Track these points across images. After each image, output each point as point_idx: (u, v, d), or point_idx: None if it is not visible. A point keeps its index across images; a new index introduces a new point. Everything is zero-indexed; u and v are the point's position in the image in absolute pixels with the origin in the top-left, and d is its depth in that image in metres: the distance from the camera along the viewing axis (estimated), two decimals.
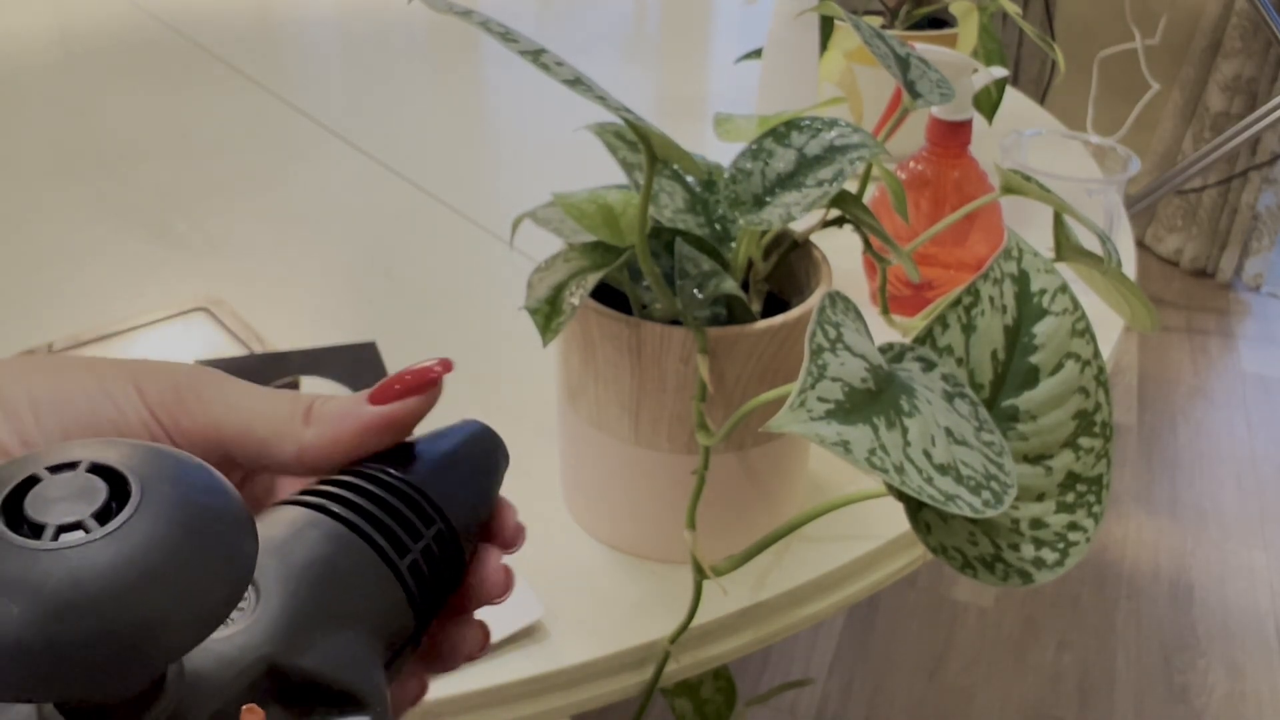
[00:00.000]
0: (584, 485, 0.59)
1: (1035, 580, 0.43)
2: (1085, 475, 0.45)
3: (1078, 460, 0.45)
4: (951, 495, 0.38)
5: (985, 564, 0.43)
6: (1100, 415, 0.45)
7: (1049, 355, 0.46)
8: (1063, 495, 0.45)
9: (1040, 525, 0.44)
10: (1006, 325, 0.46)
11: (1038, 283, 0.47)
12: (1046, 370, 0.46)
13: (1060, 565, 0.43)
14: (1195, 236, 2.47)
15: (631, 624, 0.54)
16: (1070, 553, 0.43)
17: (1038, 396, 0.46)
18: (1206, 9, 2.33)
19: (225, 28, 1.41)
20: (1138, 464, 1.91)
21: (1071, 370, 0.46)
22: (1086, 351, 0.46)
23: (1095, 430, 0.45)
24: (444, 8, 0.46)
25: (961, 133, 0.77)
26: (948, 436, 0.41)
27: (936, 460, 0.39)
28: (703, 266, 0.51)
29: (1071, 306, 0.47)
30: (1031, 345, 0.46)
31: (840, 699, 1.47)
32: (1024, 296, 0.47)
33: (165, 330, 0.72)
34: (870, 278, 0.81)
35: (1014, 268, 0.47)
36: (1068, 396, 0.45)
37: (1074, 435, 0.45)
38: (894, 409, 0.40)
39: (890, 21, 1.07)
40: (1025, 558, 0.43)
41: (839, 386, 0.39)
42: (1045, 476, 0.45)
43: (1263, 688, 1.50)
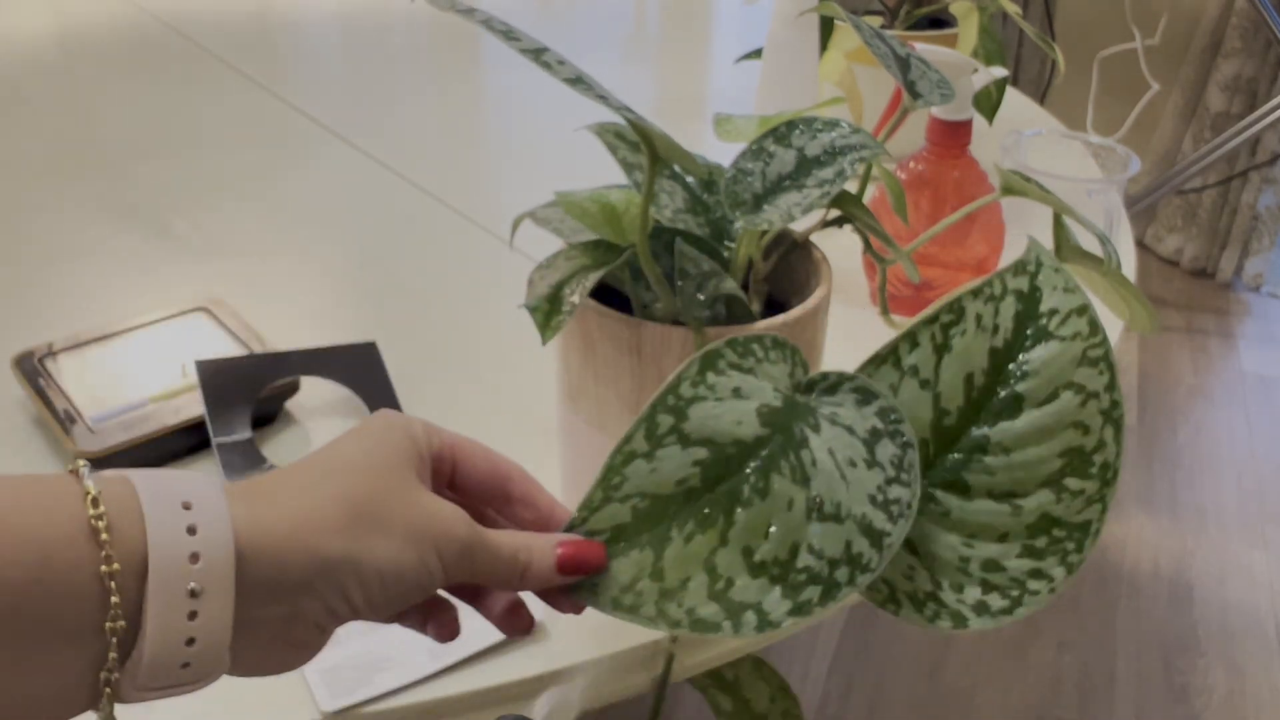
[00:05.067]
0: (584, 485, 0.59)
1: (970, 626, 0.39)
2: (1066, 520, 0.40)
3: (1058, 503, 0.41)
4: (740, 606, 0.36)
5: (915, 601, 0.40)
6: (1102, 456, 0.41)
7: (1040, 384, 0.42)
8: (1032, 538, 0.41)
9: (994, 568, 0.40)
10: (994, 347, 0.42)
11: (1049, 302, 0.43)
12: (1033, 401, 0.42)
13: (1007, 614, 0.39)
14: (1195, 236, 2.47)
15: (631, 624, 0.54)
16: (1024, 602, 0.40)
17: (1016, 428, 0.42)
18: (1206, 9, 2.33)
19: (225, 27, 1.41)
20: (1138, 464, 1.91)
21: (1068, 403, 0.41)
22: (1095, 384, 0.41)
23: (1091, 472, 0.41)
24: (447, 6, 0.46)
25: (961, 133, 0.77)
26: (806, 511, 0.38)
27: (756, 557, 0.37)
28: (703, 266, 0.50)
29: (1087, 332, 0.42)
30: (1020, 372, 0.42)
31: (840, 699, 1.47)
32: (1025, 317, 0.43)
33: (165, 330, 0.72)
34: (870, 278, 0.81)
35: (1025, 284, 0.43)
36: (1057, 432, 0.41)
37: (1058, 474, 0.41)
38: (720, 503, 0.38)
39: (890, 21, 1.07)
40: (966, 600, 0.40)
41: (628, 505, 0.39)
42: (1011, 516, 0.41)
43: (1263, 688, 1.50)
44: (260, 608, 0.34)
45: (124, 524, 0.31)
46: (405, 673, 0.51)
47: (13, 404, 0.68)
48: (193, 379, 0.65)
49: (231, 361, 0.66)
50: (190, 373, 0.66)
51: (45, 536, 0.30)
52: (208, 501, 0.33)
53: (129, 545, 0.31)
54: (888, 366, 0.42)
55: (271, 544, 0.33)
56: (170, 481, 0.33)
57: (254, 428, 0.64)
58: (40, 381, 0.66)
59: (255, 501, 0.34)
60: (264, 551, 0.33)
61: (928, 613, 0.40)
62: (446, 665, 0.51)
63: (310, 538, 0.34)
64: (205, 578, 0.32)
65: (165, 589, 0.31)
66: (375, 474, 0.36)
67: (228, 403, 0.64)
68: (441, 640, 0.41)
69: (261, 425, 0.66)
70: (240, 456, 0.62)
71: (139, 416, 0.63)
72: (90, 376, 0.67)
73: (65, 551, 0.30)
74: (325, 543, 0.34)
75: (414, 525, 0.36)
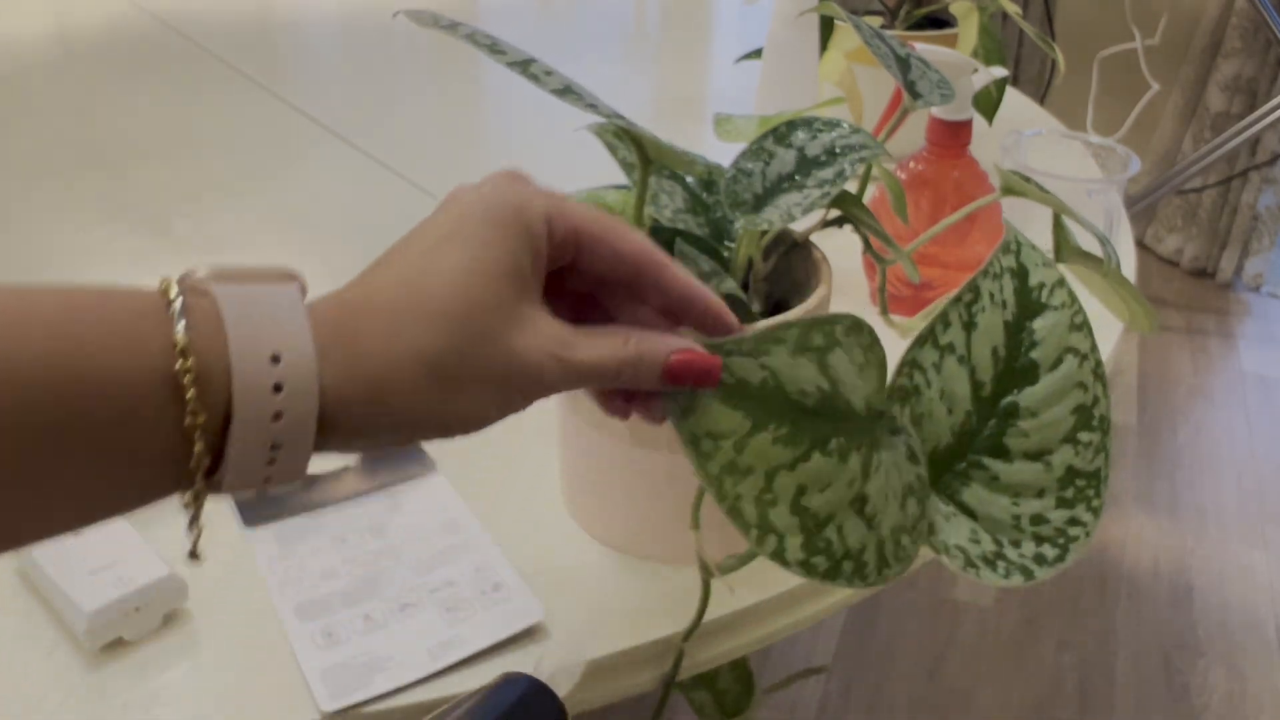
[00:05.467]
0: (584, 485, 0.59)
1: (1036, 576, 0.43)
2: (1084, 470, 0.45)
3: (1077, 455, 0.45)
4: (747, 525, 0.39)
5: (988, 562, 0.43)
6: (1099, 409, 0.45)
7: (1048, 350, 0.46)
8: (1062, 490, 0.45)
9: (1041, 521, 0.44)
10: (1006, 321, 0.46)
11: (1036, 277, 0.47)
12: (1046, 365, 0.46)
13: (1061, 560, 0.43)
14: (1195, 236, 2.47)
15: (631, 624, 0.54)
16: (1071, 548, 0.44)
17: (1038, 392, 0.45)
18: (1206, 9, 2.33)
19: (225, 28, 1.41)
20: (1138, 464, 1.91)
21: (1070, 365, 0.45)
22: (1084, 345, 0.46)
23: (1094, 424, 0.45)
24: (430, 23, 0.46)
25: (961, 133, 0.77)
26: (854, 502, 0.41)
27: (803, 502, 0.40)
28: (703, 266, 0.50)
29: (1069, 300, 0.46)
30: (1031, 341, 0.46)
31: (840, 699, 1.47)
32: (1023, 291, 0.47)
33: None
34: (870, 278, 0.81)
35: (1013, 262, 0.47)
36: (1067, 391, 0.45)
37: (1073, 430, 0.45)
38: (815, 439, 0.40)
39: (890, 21, 1.07)
40: (1026, 554, 0.43)
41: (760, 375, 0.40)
42: (1045, 472, 0.45)
43: (1263, 688, 1.50)
44: (342, 448, 0.35)
45: (210, 375, 0.31)
46: (405, 673, 0.51)
47: None
48: None
49: None
50: None
51: (130, 381, 0.30)
52: (296, 356, 0.32)
53: (213, 399, 0.31)
54: (929, 346, 0.45)
55: (356, 401, 0.34)
56: (260, 325, 0.32)
57: None
58: None
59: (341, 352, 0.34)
60: (346, 410, 0.33)
61: (1000, 570, 0.43)
62: (446, 665, 0.51)
63: (391, 399, 0.34)
64: (286, 433, 0.33)
65: (246, 441, 0.32)
66: (468, 315, 0.35)
67: None
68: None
69: None
70: None
71: None
72: None
73: (149, 400, 0.31)
74: (406, 404, 0.34)
75: (500, 374, 0.35)
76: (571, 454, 0.59)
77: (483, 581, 0.56)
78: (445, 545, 0.58)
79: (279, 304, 0.34)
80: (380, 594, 0.55)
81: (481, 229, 0.36)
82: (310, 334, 0.33)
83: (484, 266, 0.35)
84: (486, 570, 0.56)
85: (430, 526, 0.59)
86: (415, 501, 0.61)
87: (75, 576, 0.52)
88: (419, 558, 0.57)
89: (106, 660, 0.51)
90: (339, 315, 0.35)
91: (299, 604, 0.54)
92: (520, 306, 0.36)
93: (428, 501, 0.61)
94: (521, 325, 0.35)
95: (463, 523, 0.60)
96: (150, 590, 0.52)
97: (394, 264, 0.36)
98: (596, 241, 0.38)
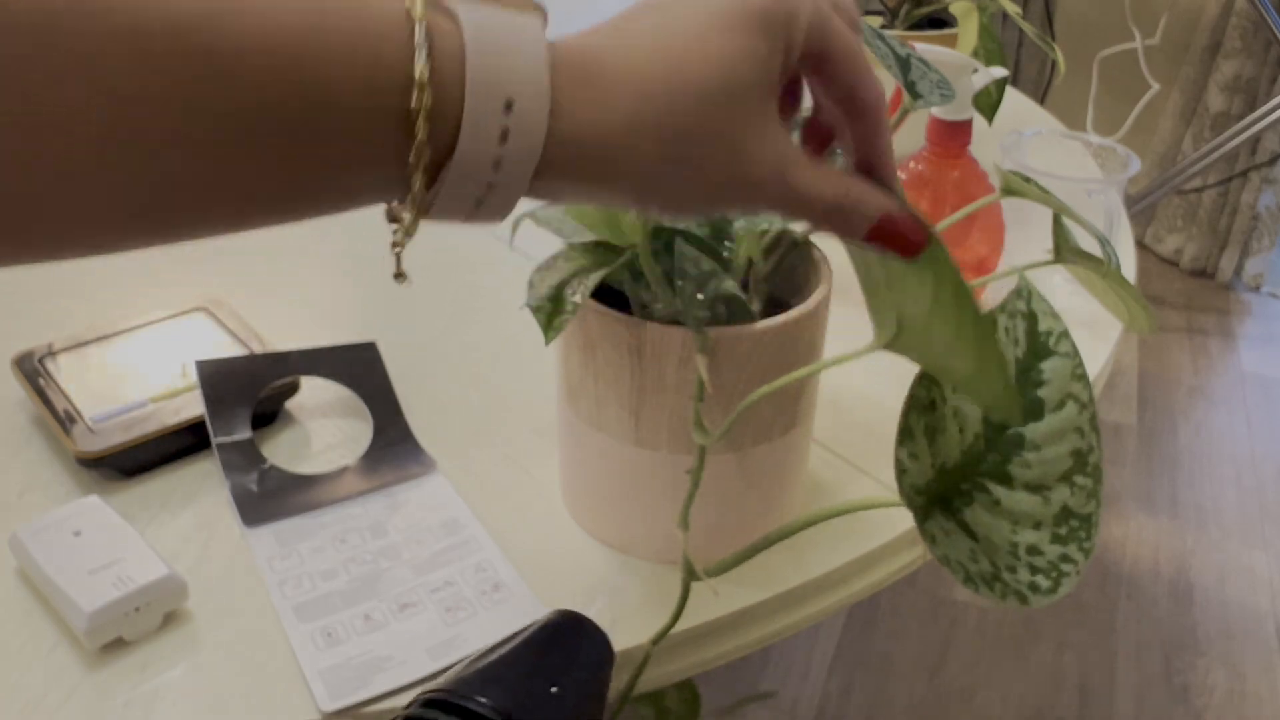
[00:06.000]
0: (584, 485, 0.59)
1: (1030, 604, 0.44)
2: (1078, 511, 0.46)
3: (1072, 495, 0.46)
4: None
5: (985, 581, 0.44)
6: (1093, 458, 0.47)
7: (1053, 392, 0.47)
8: (1057, 527, 0.46)
9: (1035, 552, 0.45)
10: (1018, 357, 0.48)
11: (1044, 324, 0.49)
12: (1051, 405, 0.47)
13: (1053, 593, 0.45)
14: (1195, 236, 2.47)
15: (631, 624, 0.54)
16: (1062, 583, 0.45)
17: (1042, 429, 0.47)
18: (1206, 9, 2.33)
19: None
20: (1138, 464, 1.91)
21: (1071, 410, 0.47)
22: (1084, 396, 0.48)
23: (1088, 470, 0.47)
24: None
25: (961, 133, 0.77)
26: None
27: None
28: (703, 266, 0.51)
29: (1073, 352, 0.48)
30: (1040, 380, 0.48)
31: (840, 699, 1.47)
32: (1033, 334, 0.48)
33: (165, 330, 0.72)
34: None
35: (1024, 306, 0.49)
36: (1066, 434, 0.47)
37: (1070, 472, 0.47)
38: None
39: (890, 21, 1.07)
40: (1021, 581, 0.45)
41: None
42: (1043, 506, 0.46)
43: (1263, 688, 1.50)
44: (549, 196, 0.35)
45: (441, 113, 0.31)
46: (405, 673, 0.51)
47: (13, 404, 0.68)
48: (193, 379, 0.65)
49: (231, 361, 0.66)
50: (190, 373, 0.66)
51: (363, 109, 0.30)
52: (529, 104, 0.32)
53: (440, 137, 0.31)
54: None
55: (579, 153, 0.33)
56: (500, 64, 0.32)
57: (254, 428, 0.64)
58: (40, 381, 0.66)
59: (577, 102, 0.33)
60: (566, 159, 0.33)
61: (998, 591, 0.44)
62: (446, 665, 0.51)
63: (618, 161, 0.33)
64: (502, 178, 0.32)
65: (461, 182, 0.32)
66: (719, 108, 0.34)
67: (228, 403, 0.64)
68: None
69: (261, 425, 0.66)
70: (240, 456, 0.62)
71: (139, 416, 0.63)
72: (90, 376, 0.67)
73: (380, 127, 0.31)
74: (628, 169, 0.34)
75: (724, 173, 0.35)
76: (571, 454, 0.59)
77: (483, 581, 0.56)
78: (445, 545, 0.58)
79: (523, 40, 0.32)
80: (380, 594, 0.55)
81: (751, 21, 0.34)
82: (548, 81, 0.32)
83: (746, 59, 0.34)
84: (486, 570, 0.56)
85: (430, 526, 0.59)
86: (415, 501, 0.61)
87: (75, 576, 0.52)
88: (419, 558, 0.57)
89: (106, 660, 0.51)
90: (585, 62, 0.34)
91: (299, 604, 0.54)
92: (764, 113, 0.35)
93: (428, 501, 0.61)
94: (762, 134, 0.35)
95: (463, 523, 0.60)
96: (150, 590, 0.52)
97: (654, 28, 0.35)
98: (840, 70, 0.37)
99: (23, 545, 0.54)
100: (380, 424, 0.66)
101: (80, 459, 0.61)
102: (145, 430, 0.62)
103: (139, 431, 0.62)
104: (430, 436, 0.66)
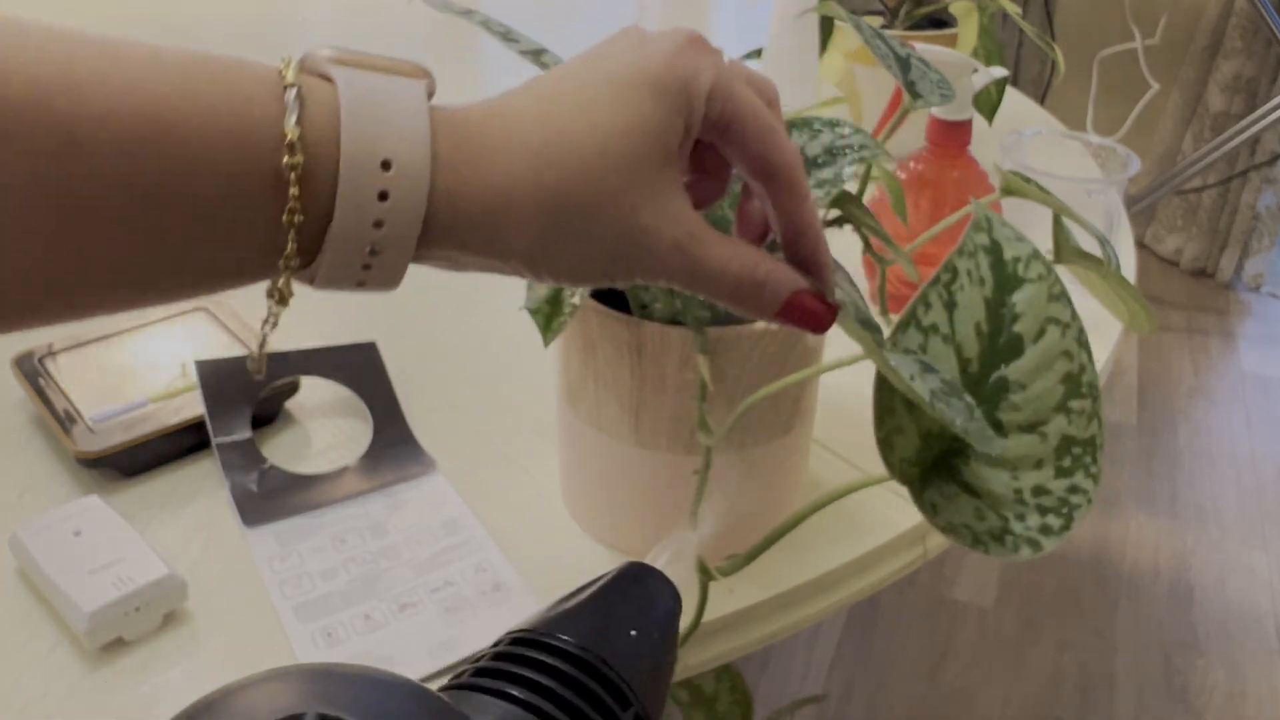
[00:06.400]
0: (584, 485, 0.59)
1: (1044, 548, 0.43)
2: (1079, 438, 0.45)
3: (1070, 424, 0.45)
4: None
5: (995, 537, 0.43)
6: (1086, 376, 0.46)
7: (1030, 323, 0.46)
8: (1059, 460, 0.45)
9: (1042, 492, 0.44)
10: (986, 297, 0.46)
11: (1010, 251, 0.47)
12: (1030, 338, 0.46)
13: (1066, 529, 0.44)
14: (1195, 236, 2.47)
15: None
16: (1074, 515, 0.44)
17: (1025, 365, 0.46)
18: (1206, 9, 2.33)
19: (225, 27, 1.42)
20: (1138, 464, 1.91)
21: (1053, 335, 0.46)
22: (1065, 315, 0.46)
23: (1083, 391, 0.45)
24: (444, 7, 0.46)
25: (961, 133, 0.77)
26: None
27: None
28: None
29: (1045, 272, 0.47)
30: (1013, 314, 0.46)
31: (840, 699, 1.47)
32: (999, 266, 0.47)
33: (165, 330, 0.72)
34: (870, 277, 0.81)
35: (985, 239, 0.47)
36: (1053, 361, 0.46)
37: (1064, 399, 0.45)
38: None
39: (890, 21, 1.07)
40: (1032, 527, 0.44)
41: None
42: (1041, 443, 0.45)
43: (1263, 688, 1.50)
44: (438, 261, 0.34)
45: (316, 174, 0.30)
46: (405, 672, 0.50)
47: (13, 404, 0.68)
48: (193, 379, 0.65)
49: (231, 361, 0.66)
50: (190, 373, 0.66)
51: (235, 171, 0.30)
52: (409, 164, 0.31)
53: (316, 198, 0.31)
54: (912, 329, 0.45)
55: (463, 219, 0.32)
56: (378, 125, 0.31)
57: (254, 428, 0.64)
58: (40, 381, 0.66)
59: (459, 166, 0.32)
60: (452, 225, 0.32)
61: (1009, 545, 0.43)
62: (446, 665, 0.51)
63: (501, 226, 0.33)
64: (386, 241, 0.32)
65: (343, 245, 0.31)
66: (604, 171, 0.33)
67: (228, 403, 0.64)
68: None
69: (261, 425, 0.66)
70: (240, 456, 0.62)
71: (139, 416, 0.63)
72: (90, 376, 0.67)
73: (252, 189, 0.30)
74: (512, 235, 0.33)
75: (615, 241, 0.34)
76: (571, 454, 0.59)
77: (483, 581, 0.56)
78: (445, 545, 0.58)
79: (402, 102, 0.32)
80: (380, 594, 0.55)
81: (643, 91, 0.34)
82: (429, 141, 0.32)
83: (635, 130, 0.33)
84: (486, 570, 0.56)
85: (430, 526, 0.59)
86: (415, 501, 0.61)
87: (75, 576, 0.52)
88: (419, 558, 0.57)
89: (106, 660, 0.51)
90: (467, 126, 0.33)
91: (299, 604, 0.54)
92: (659, 183, 0.34)
93: (428, 501, 0.61)
94: (656, 201, 0.34)
95: (463, 523, 0.60)
96: (150, 590, 0.52)
97: (541, 96, 0.35)
98: (748, 135, 0.36)
99: (23, 545, 0.54)
100: (380, 424, 0.66)
101: (80, 459, 0.61)
102: (145, 430, 0.62)
103: (139, 431, 0.62)
104: (430, 436, 0.66)
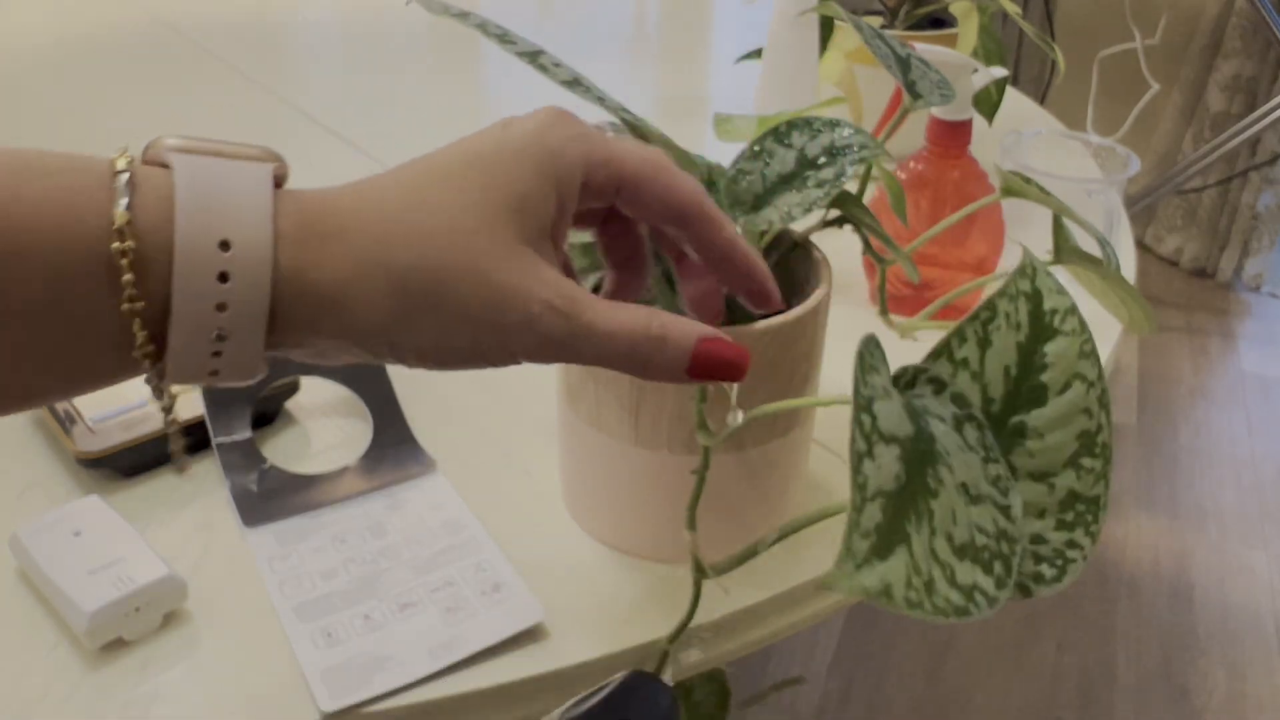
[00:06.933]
0: (584, 485, 0.59)
1: (1033, 594, 0.44)
2: (1085, 494, 0.45)
3: (1079, 480, 0.46)
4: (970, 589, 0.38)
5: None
6: (1101, 437, 0.46)
7: (1058, 375, 0.46)
8: (1062, 513, 0.45)
9: (1040, 541, 0.45)
10: (1019, 342, 0.47)
11: (1049, 303, 0.48)
12: (1055, 389, 0.46)
13: (1058, 581, 0.44)
14: (1195, 236, 2.47)
15: (631, 624, 0.54)
16: (1068, 570, 0.44)
17: (1045, 414, 0.46)
18: (1206, 9, 2.33)
19: (225, 27, 1.42)
20: (1138, 464, 1.91)
21: (1078, 390, 0.46)
22: (1092, 373, 0.47)
23: (1096, 451, 0.46)
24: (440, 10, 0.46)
25: (961, 133, 0.77)
26: (964, 496, 0.40)
27: (957, 542, 0.38)
28: None
29: (1079, 328, 0.47)
30: (1043, 363, 0.47)
31: (840, 699, 1.47)
32: (1037, 315, 0.47)
33: None
34: (870, 278, 0.81)
35: (1028, 285, 0.48)
36: (1074, 416, 0.46)
37: (1077, 455, 0.46)
38: (923, 495, 0.39)
39: (890, 21, 1.07)
40: (1025, 572, 0.44)
41: (878, 504, 0.37)
42: (1048, 494, 0.45)
43: (1263, 688, 1.50)
44: (294, 348, 0.32)
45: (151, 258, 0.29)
46: (405, 673, 0.51)
47: None
48: None
49: None
50: None
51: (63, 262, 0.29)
52: (249, 244, 0.30)
53: (154, 284, 0.30)
54: (944, 360, 0.46)
55: (312, 301, 0.31)
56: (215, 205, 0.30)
57: (254, 428, 0.64)
58: None
59: (305, 245, 0.31)
60: (300, 309, 0.31)
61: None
62: (446, 665, 0.51)
63: (351, 306, 0.32)
64: (232, 326, 0.30)
65: (186, 331, 0.30)
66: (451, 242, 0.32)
67: (228, 403, 0.64)
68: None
69: (261, 425, 0.66)
70: (240, 456, 0.62)
71: (139, 416, 0.63)
72: None
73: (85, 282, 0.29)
74: (364, 315, 0.32)
75: (480, 308, 0.32)
76: (571, 454, 0.59)
77: (483, 581, 0.56)
78: (445, 545, 0.58)
79: (241, 183, 0.31)
80: (380, 594, 0.55)
81: (508, 164, 0.34)
82: (270, 221, 0.31)
83: (490, 199, 0.33)
84: (486, 570, 0.56)
85: (430, 526, 0.59)
86: (415, 501, 0.61)
87: (75, 576, 0.52)
88: (419, 558, 0.57)
89: (106, 660, 0.51)
90: (313, 208, 0.32)
91: (299, 604, 0.54)
92: (521, 247, 0.33)
93: (428, 501, 0.61)
94: (519, 266, 0.33)
95: (463, 523, 0.60)
96: (150, 590, 0.52)
97: (402, 177, 0.34)
98: (641, 187, 0.36)
99: (23, 545, 0.54)
100: (380, 424, 0.66)
101: (80, 459, 0.61)
102: (145, 430, 0.62)
103: (139, 431, 0.62)
104: (430, 436, 0.66)
